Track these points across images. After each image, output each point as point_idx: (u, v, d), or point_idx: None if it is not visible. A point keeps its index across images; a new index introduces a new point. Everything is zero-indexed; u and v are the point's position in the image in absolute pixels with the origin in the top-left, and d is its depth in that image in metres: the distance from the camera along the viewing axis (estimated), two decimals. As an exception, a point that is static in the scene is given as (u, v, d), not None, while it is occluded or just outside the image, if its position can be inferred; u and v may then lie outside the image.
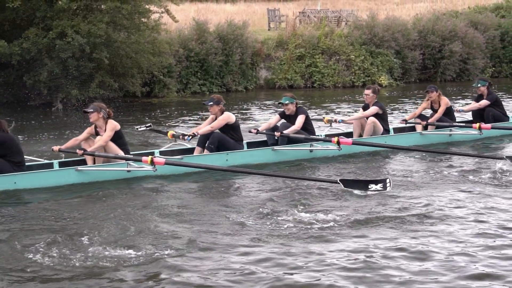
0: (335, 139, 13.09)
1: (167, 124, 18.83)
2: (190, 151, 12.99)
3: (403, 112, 20.99)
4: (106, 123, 11.90)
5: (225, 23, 28.11)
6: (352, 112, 20.62)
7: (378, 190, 10.38)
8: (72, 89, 22.09)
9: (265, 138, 13.86)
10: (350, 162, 13.16)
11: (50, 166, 11.80)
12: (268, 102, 24.24)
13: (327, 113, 20.25)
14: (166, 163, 11.09)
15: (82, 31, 21.42)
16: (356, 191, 10.49)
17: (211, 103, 12.86)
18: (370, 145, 13.53)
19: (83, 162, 11.90)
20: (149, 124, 14.09)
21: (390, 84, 29.90)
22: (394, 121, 17.40)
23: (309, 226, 8.77)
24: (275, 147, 13.25)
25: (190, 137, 12.49)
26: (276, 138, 13.49)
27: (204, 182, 11.70)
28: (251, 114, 20.91)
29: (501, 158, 12.44)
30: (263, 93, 27.59)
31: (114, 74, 23.39)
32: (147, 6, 23.25)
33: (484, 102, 16.07)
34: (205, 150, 12.76)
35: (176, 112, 21.76)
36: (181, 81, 26.58)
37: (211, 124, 12.80)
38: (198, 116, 20.38)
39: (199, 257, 7.71)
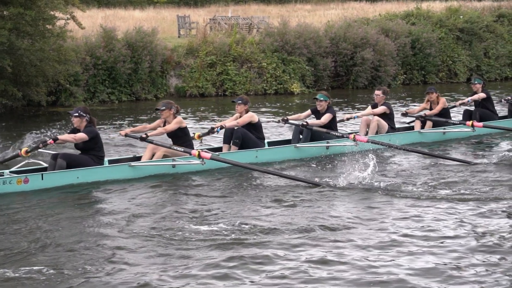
0: (352, 135, 14.51)
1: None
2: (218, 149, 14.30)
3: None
4: (174, 118, 13.43)
5: (134, 30, 28.06)
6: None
7: None
8: (-27, 98, 21.72)
9: (284, 138, 15.89)
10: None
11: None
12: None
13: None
14: (211, 158, 12.40)
15: (-17, 38, 21.10)
16: None
17: (240, 101, 14.46)
18: (382, 144, 14.64)
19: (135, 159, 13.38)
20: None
21: (303, 91, 30.31)
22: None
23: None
24: (297, 145, 14.81)
25: (219, 128, 13.87)
26: (300, 134, 15.09)
27: (238, 177, 12.95)
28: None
29: (468, 163, 13.73)
30: (173, 102, 27.56)
31: (18, 82, 23.08)
32: (52, 12, 22.99)
33: (482, 95, 18.01)
34: (232, 146, 14.13)
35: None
36: (88, 89, 26.39)
37: (237, 120, 14.27)
38: (106, 126, 20.30)
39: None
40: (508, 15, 40.32)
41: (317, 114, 15.52)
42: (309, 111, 15.74)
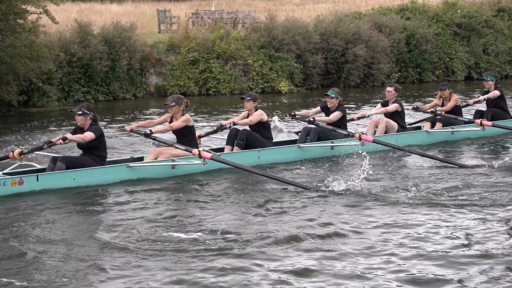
0: (357, 134, 14.77)
1: (45, 137, 18.49)
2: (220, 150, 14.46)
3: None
4: (182, 115, 13.56)
5: (111, 25, 27.94)
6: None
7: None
8: None
9: (290, 138, 16.29)
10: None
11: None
12: (159, 111, 24.18)
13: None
14: (211, 158, 12.59)
15: (-51, 33, 20.94)
16: None
17: (249, 98, 14.71)
18: (388, 145, 14.84)
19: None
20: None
21: (291, 90, 30.28)
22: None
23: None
24: (301, 145, 14.97)
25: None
26: (307, 136, 15.31)
27: (239, 179, 13.09)
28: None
29: (465, 167, 13.77)
30: (153, 101, 27.52)
31: (-13, 81, 22.94)
32: (23, 6, 22.85)
33: (496, 92, 18.16)
34: (235, 147, 14.28)
35: (56, 123, 21.42)
36: (62, 88, 26.22)
37: (249, 118, 14.55)
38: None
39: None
40: (508, 10, 40.47)
41: (327, 112, 15.71)
42: (318, 108, 15.98)
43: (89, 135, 12.47)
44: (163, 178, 13.06)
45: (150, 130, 13.36)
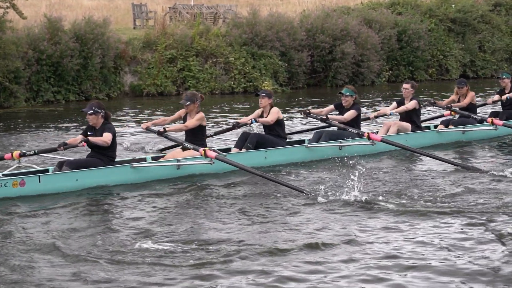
0: (366, 133, 15.12)
1: (12, 140, 18.56)
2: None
3: (296, 122, 21.38)
4: (197, 112, 13.92)
5: (83, 20, 27.97)
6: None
7: None
8: None
9: (299, 138, 16.61)
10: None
11: None
12: (133, 112, 24.26)
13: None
14: (216, 158, 12.97)
15: None
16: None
17: (264, 94, 15.06)
18: (397, 145, 15.13)
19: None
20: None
21: (275, 90, 30.30)
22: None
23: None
24: (309, 145, 15.31)
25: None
26: (319, 139, 15.64)
27: (245, 180, 13.41)
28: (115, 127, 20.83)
29: (478, 171, 13.88)
30: (128, 102, 27.59)
31: (-50, 80, 22.98)
32: (-12, 0, 22.96)
33: None
34: (243, 150, 14.60)
35: (24, 125, 21.43)
36: (31, 88, 26.24)
37: (270, 118, 14.86)
38: (50, 130, 20.18)
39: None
40: (505, 4, 40.80)
41: (341, 109, 15.96)
42: (332, 106, 16.22)
43: (109, 137, 12.85)
44: (168, 179, 13.44)
45: (164, 128, 13.78)
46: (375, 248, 9.33)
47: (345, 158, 14.09)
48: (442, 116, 18.06)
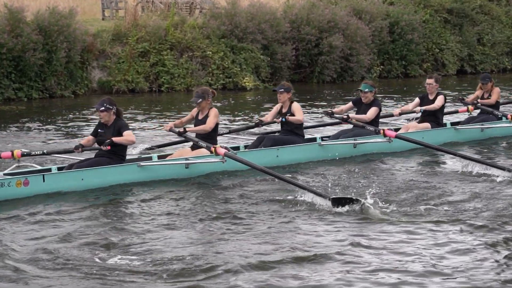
0: (382, 130, 15.43)
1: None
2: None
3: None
4: (210, 108, 14.20)
5: (47, 11, 27.87)
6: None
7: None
8: None
9: (311, 136, 16.64)
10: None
11: None
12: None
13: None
14: (225, 155, 13.36)
15: None
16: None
17: (282, 89, 15.18)
18: (413, 141, 15.38)
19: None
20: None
21: (257, 86, 30.34)
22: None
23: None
24: (322, 142, 15.57)
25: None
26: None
27: (255, 180, 13.65)
28: (79, 127, 20.77)
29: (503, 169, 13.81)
30: (96, 99, 27.40)
31: None
32: None
33: None
34: None
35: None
36: (-11, 85, 26.19)
37: (300, 116, 15.04)
38: (10, 131, 20.03)
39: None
40: (506, -7, 40.94)
41: (360, 106, 16.23)
42: (350, 104, 16.54)
43: (132, 134, 13.31)
44: (176, 179, 13.77)
45: (184, 129, 14.12)
46: (386, 257, 9.32)
47: (363, 157, 14.65)
48: (457, 112, 18.35)
